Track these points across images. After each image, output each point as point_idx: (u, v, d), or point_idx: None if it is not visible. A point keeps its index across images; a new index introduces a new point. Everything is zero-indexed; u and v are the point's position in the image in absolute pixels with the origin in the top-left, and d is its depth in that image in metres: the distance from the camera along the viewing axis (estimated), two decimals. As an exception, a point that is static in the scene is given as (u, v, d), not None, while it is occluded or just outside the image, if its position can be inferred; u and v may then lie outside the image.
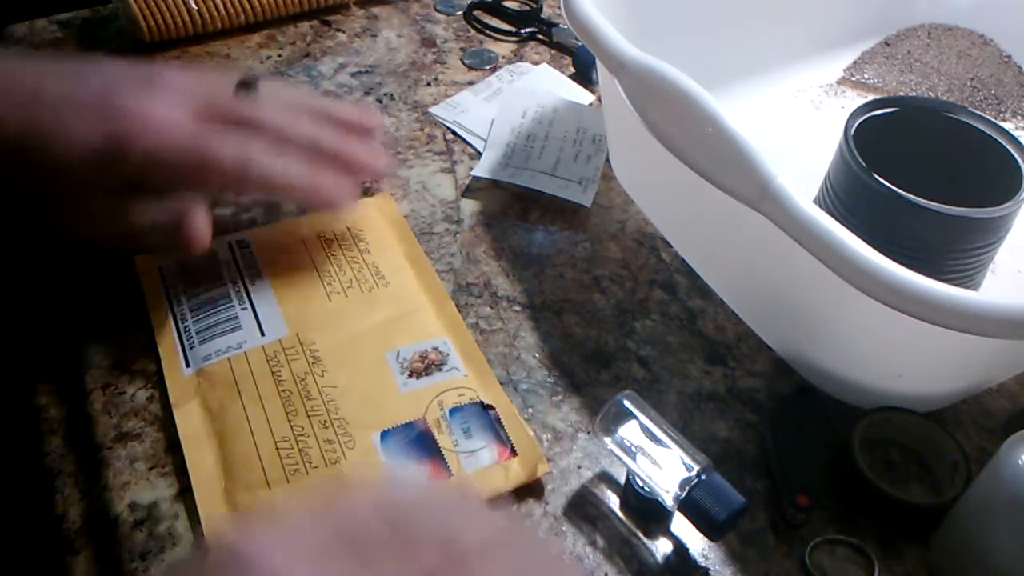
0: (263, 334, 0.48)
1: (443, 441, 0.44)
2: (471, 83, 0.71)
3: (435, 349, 0.48)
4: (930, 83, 0.73)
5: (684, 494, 0.41)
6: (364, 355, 0.47)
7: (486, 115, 0.67)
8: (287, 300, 0.50)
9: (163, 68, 0.50)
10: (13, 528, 0.43)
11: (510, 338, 0.52)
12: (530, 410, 0.48)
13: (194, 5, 0.70)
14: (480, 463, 0.44)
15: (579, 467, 0.46)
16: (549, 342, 0.52)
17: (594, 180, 0.61)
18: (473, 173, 0.61)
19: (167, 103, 0.45)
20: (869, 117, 0.55)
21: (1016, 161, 0.53)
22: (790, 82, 0.72)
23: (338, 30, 0.76)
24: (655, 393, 0.50)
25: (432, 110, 0.68)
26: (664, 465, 0.42)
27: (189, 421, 0.45)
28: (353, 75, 0.71)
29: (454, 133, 0.66)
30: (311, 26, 0.76)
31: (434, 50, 0.74)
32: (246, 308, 0.49)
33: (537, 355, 0.51)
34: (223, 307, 0.49)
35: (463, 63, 0.73)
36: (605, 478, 0.46)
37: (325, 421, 0.44)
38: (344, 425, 0.44)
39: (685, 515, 0.42)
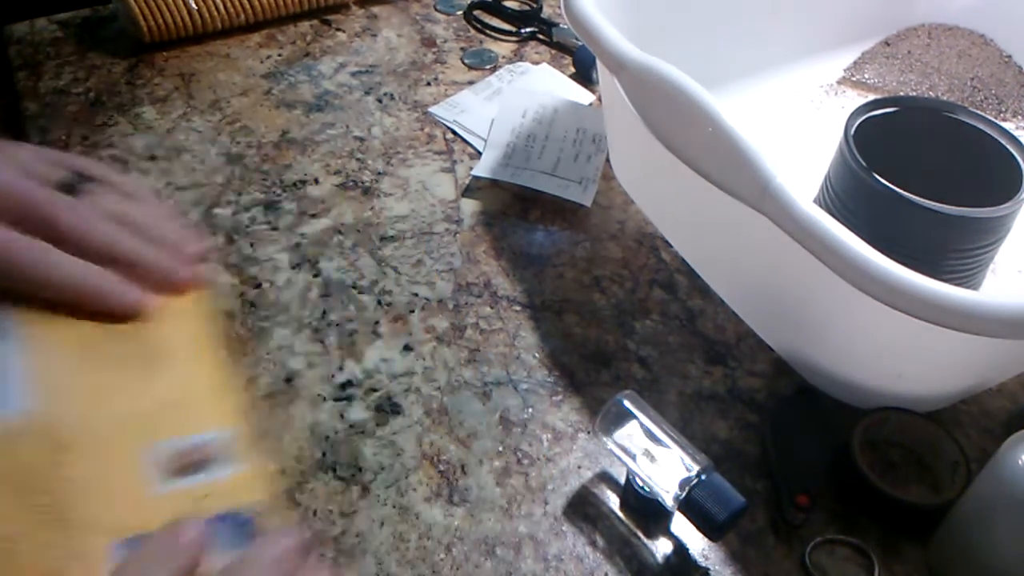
0: (4, 403, 0.39)
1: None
2: (471, 83, 0.71)
3: (204, 444, 0.40)
4: (930, 83, 0.73)
5: (684, 494, 0.41)
6: (121, 445, 0.39)
7: (486, 115, 0.67)
8: (44, 364, 0.41)
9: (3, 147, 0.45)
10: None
11: (510, 338, 0.52)
12: (530, 410, 0.48)
13: (194, 5, 0.70)
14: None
15: (579, 467, 0.46)
16: (549, 342, 0.52)
17: (594, 180, 0.61)
18: (473, 173, 0.61)
19: None
20: (869, 117, 0.55)
21: (1016, 161, 0.53)
22: (790, 82, 0.72)
23: (338, 30, 0.76)
24: (655, 393, 0.50)
25: (432, 110, 0.68)
26: (664, 465, 0.42)
27: None
28: (353, 75, 0.71)
29: (454, 133, 0.66)
30: (311, 26, 0.76)
31: (434, 50, 0.75)
32: None
33: (537, 355, 0.51)
34: None
35: (463, 63, 0.73)
36: (605, 478, 0.46)
37: (53, 521, 0.36)
38: (74, 528, 0.36)
39: (685, 515, 0.42)
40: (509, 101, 0.66)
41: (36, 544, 0.36)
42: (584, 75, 0.72)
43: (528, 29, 0.77)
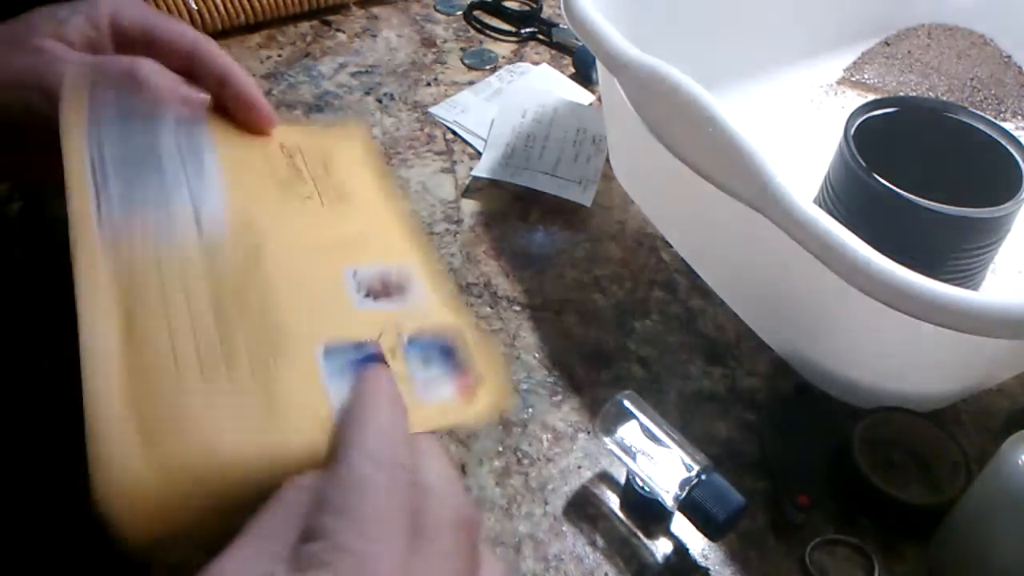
0: (200, 227, 0.40)
1: (397, 367, 0.37)
2: (471, 83, 0.71)
3: (399, 272, 0.41)
4: (930, 83, 0.73)
5: (684, 494, 0.41)
6: (317, 266, 0.40)
7: (486, 115, 0.67)
8: (234, 189, 0.42)
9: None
10: (13, 528, 0.44)
11: (510, 338, 0.52)
12: (530, 410, 0.48)
13: (194, 5, 0.70)
14: (439, 395, 0.37)
15: (579, 467, 0.46)
16: (549, 342, 0.52)
17: (594, 180, 0.61)
18: (473, 173, 0.61)
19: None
20: (869, 117, 0.55)
21: (1016, 161, 0.53)
22: (790, 82, 0.72)
23: (338, 30, 0.76)
24: (655, 393, 0.50)
25: (432, 110, 0.68)
26: (664, 465, 0.42)
27: (93, 286, 0.37)
28: (353, 75, 0.71)
29: (454, 133, 0.66)
30: (311, 26, 0.76)
31: (434, 50, 0.75)
32: (181, 183, 0.41)
33: (537, 355, 0.51)
34: (152, 170, 0.41)
35: (463, 63, 0.73)
36: (605, 478, 0.46)
37: (257, 325, 0.37)
38: (281, 330, 0.37)
39: (685, 515, 0.42)
40: (509, 101, 0.66)
41: (248, 343, 0.36)
42: (584, 75, 0.72)
43: (528, 29, 0.77)
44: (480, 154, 0.64)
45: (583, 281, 0.56)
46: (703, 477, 0.41)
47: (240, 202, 0.42)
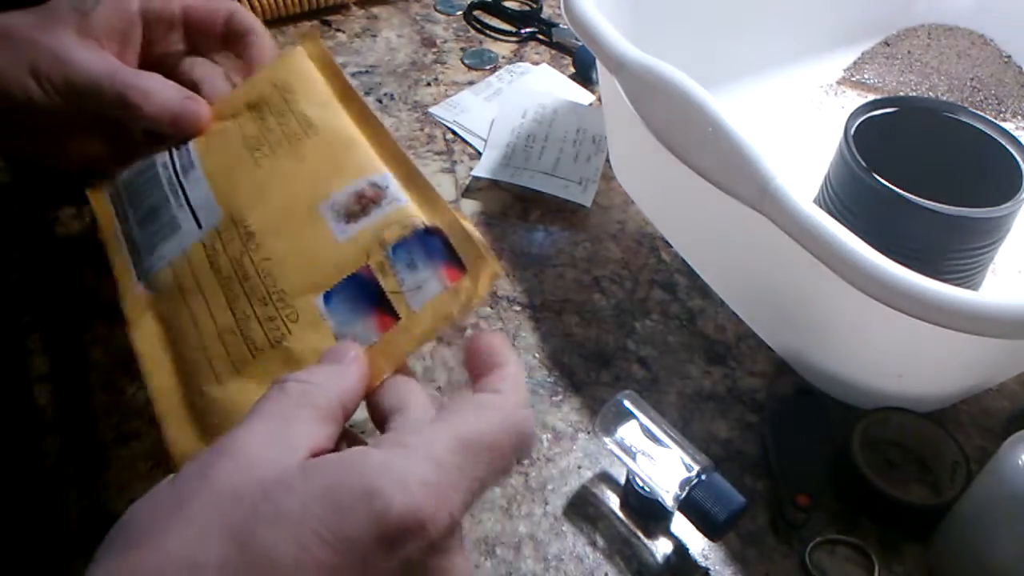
0: (200, 226, 0.44)
1: (388, 284, 0.40)
2: (471, 83, 0.71)
3: (372, 184, 0.43)
4: (930, 83, 0.73)
5: (684, 494, 0.41)
6: (297, 215, 0.43)
7: (486, 115, 0.67)
8: (217, 182, 0.45)
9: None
10: (14, 529, 0.44)
11: (510, 338, 0.52)
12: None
13: (194, 5, 0.70)
14: (427, 295, 0.39)
15: (579, 467, 0.46)
16: (549, 342, 0.52)
17: (594, 180, 0.61)
18: (473, 173, 0.61)
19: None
20: (869, 117, 0.55)
21: (1016, 161, 0.53)
22: (790, 82, 0.72)
23: (338, 30, 0.76)
24: (655, 393, 0.50)
25: (432, 110, 0.68)
26: (664, 465, 0.42)
27: (144, 338, 0.42)
28: (353, 75, 0.71)
29: (454, 133, 0.66)
30: (311, 26, 0.76)
31: (434, 50, 0.75)
32: (182, 206, 0.45)
33: (537, 355, 0.51)
34: (163, 212, 0.46)
35: (463, 63, 0.73)
36: (605, 478, 0.46)
37: (264, 298, 0.40)
38: (284, 298, 0.40)
39: (685, 515, 0.42)
40: (509, 101, 0.67)
41: (260, 321, 0.40)
42: (584, 75, 0.72)
43: (528, 29, 0.77)
44: (480, 154, 0.64)
45: (583, 281, 0.56)
46: (703, 477, 0.41)
47: (224, 187, 0.45)
